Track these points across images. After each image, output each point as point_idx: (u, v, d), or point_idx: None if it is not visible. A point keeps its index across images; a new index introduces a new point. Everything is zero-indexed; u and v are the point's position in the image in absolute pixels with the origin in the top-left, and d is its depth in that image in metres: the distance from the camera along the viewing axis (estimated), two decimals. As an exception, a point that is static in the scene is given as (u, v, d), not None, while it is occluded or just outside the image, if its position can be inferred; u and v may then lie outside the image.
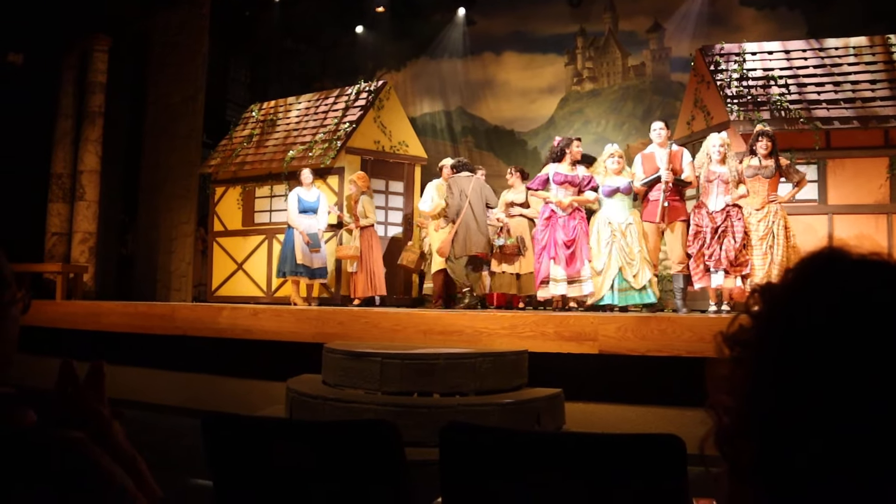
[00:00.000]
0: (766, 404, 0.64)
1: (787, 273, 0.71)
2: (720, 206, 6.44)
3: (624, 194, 6.77)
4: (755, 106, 7.77)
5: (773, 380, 0.64)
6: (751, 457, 0.65)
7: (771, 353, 0.66)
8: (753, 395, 0.66)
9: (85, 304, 8.33)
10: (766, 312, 0.69)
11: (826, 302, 0.65)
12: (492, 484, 1.91)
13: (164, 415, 5.62)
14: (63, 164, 10.65)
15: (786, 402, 0.63)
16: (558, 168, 6.96)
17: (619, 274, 6.61)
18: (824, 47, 8.25)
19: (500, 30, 13.13)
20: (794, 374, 0.63)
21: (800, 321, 0.65)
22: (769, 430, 0.64)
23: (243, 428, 2.20)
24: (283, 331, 6.30)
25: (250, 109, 11.42)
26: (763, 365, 0.66)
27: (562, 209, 6.83)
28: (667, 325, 5.16)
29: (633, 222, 6.74)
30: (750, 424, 0.66)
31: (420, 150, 10.62)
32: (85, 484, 0.93)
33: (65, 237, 10.60)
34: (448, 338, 5.64)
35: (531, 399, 4.89)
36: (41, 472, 0.92)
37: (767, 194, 6.46)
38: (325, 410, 4.84)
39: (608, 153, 6.95)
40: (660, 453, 1.80)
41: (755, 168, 6.50)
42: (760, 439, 0.64)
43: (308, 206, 8.61)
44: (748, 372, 0.67)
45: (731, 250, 6.30)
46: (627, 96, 12.36)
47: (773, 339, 0.66)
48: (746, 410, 0.67)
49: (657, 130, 6.95)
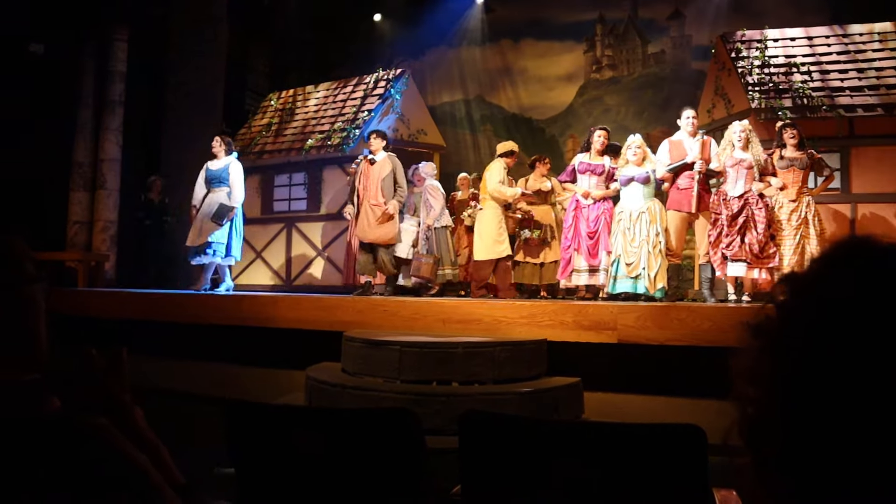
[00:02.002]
0: (793, 395, 0.64)
1: (812, 262, 0.70)
2: (738, 193, 6.33)
3: (640, 183, 6.69)
4: (777, 93, 7.67)
5: (799, 370, 0.64)
6: (776, 447, 0.65)
7: (797, 343, 0.65)
8: (779, 386, 0.65)
9: (106, 293, 8.42)
10: (792, 302, 0.68)
11: (855, 291, 0.64)
12: (511, 472, 1.91)
13: (185, 402, 5.67)
14: (84, 153, 10.74)
15: (812, 392, 0.62)
16: (583, 157, 7.01)
17: (616, 261, 6.57)
18: (848, 33, 8.12)
19: (518, 17, 13.03)
20: (821, 364, 0.62)
21: (828, 310, 0.64)
22: (795, 420, 0.63)
23: (265, 415, 2.21)
24: (302, 319, 6.33)
25: (269, 98, 11.46)
26: (789, 355, 0.65)
27: (586, 198, 6.85)
28: (686, 314, 5.12)
29: (646, 210, 6.61)
30: (775, 415, 0.65)
31: (439, 138, 10.60)
32: (108, 469, 0.94)
33: (86, 225, 10.70)
34: (467, 326, 5.65)
35: (550, 388, 4.89)
36: (65, 457, 0.93)
37: (801, 186, 6.37)
38: (344, 398, 4.86)
39: (627, 144, 6.89)
40: (680, 443, 1.79)
41: (789, 160, 6.40)
42: (786, 430, 0.64)
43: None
44: (773, 362, 0.67)
45: (754, 243, 6.16)
46: (647, 84, 12.23)
47: (799, 329, 0.65)
48: (772, 401, 0.66)
49: (688, 119, 6.80)
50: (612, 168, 6.89)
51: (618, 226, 6.65)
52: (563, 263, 6.95)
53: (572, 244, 6.86)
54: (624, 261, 6.50)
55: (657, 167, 6.73)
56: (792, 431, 0.64)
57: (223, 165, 7.82)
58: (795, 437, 0.63)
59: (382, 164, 7.36)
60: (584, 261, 6.74)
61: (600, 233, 6.74)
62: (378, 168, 7.36)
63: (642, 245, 6.48)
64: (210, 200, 7.78)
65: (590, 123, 11.83)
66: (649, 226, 6.53)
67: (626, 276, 6.49)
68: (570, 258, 6.85)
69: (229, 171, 7.79)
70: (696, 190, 6.48)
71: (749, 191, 6.32)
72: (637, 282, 6.45)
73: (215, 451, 2.51)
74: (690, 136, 6.75)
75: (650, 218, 6.56)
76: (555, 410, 4.74)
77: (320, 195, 9.86)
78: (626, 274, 6.47)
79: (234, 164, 7.86)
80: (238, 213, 7.85)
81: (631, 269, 6.45)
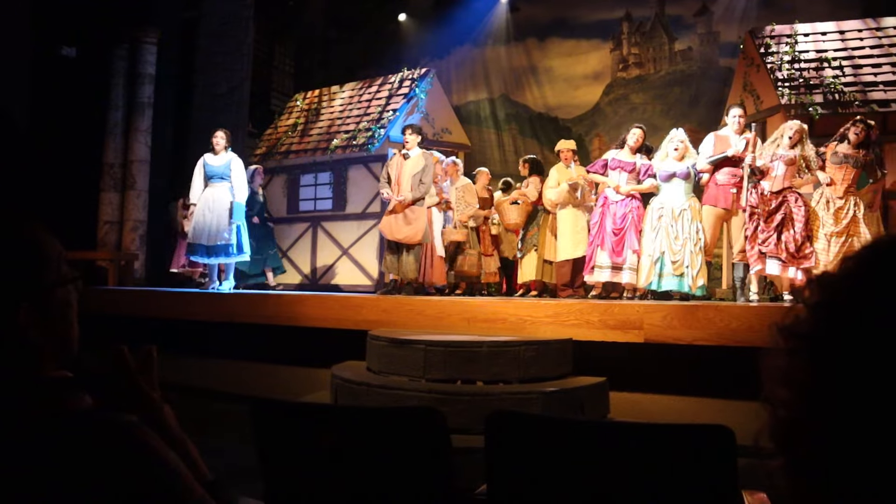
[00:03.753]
0: (827, 397, 0.63)
1: (846, 262, 0.68)
2: (777, 189, 6.15)
3: (681, 179, 6.63)
4: (807, 89, 7.55)
5: (834, 371, 0.63)
6: (809, 450, 0.64)
7: (832, 344, 0.64)
8: (812, 388, 0.64)
9: (136, 291, 8.53)
10: (826, 302, 0.67)
11: (892, 290, 0.63)
12: (537, 472, 1.90)
13: (213, 400, 5.73)
14: (114, 154, 10.89)
15: (848, 394, 0.61)
16: (616, 154, 6.98)
17: (661, 258, 6.51)
18: (882, 27, 7.97)
19: (543, 16, 12.99)
20: (857, 366, 0.61)
21: (864, 311, 0.63)
22: (830, 423, 0.62)
23: (291, 413, 2.23)
24: (328, 317, 6.37)
25: (294, 98, 11.53)
26: (823, 356, 0.64)
27: (616, 192, 6.82)
28: (714, 313, 5.06)
29: (688, 208, 6.55)
30: (808, 417, 0.64)
31: (463, 137, 10.59)
32: (138, 466, 0.95)
33: (116, 225, 10.85)
34: (492, 325, 5.64)
35: (575, 388, 4.86)
36: (96, 454, 0.95)
37: (850, 185, 6.14)
38: (369, 397, 4.88)
39: (669, 138, 6.81)
40: (708, 444, 1.77)
41: (843, 156, 6.16)
42: (820, 432, 0.63)
43: None
44: (806, 364, 0.65)
45: (791, 241, 6.00)
46: (674, 82, 12.13)
47: (834, 330, 0.64)
48: (804, 403, 0.65)
49: (735, 118, 6.63)
50: (643, 165, 6.83)
51: (659, 222, 6.59)
52: (587, 259, 6.92)
53: (595, 240, 6.82)
54: (669, 259, 6.47)
55: (698, 159, 6.63)
56: (826, 434, 0.62)
57: (225, 161, 7.82)
58: (829, 439, 0.62)
59: (416, 160, 7.31)
60: (608, 258, 6.69)
61: (626, 231, 6.68)
62: (411, 164, 7.31)
63: (686, 243, 6.45)
64: (210, 196, 7.78)
65: (616, 122, 11.80)
66: (691, 223, 6.51)
67: (671, 274, 6.47)
68: (594, 254, 6.81)
69: (231, 168, 7.80)
70: (746, 184, 6.29)
71: (788, 188, 6.14)
72: (682, 279, 6.44)
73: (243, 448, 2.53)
74: (737, 133, 6.61)
75: (692, 215, 6.54)
76: (580, 410, 4.71)
77: (346, 195, 9.90)
78: (672, 272, 6.45)
79: (235, 159, 7.87)
80: (240, 208, 7.87)
81: (676, 267, 6.43)
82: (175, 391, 1.28)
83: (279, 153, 10.42)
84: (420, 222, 7.26)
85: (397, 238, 7.26)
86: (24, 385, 1.01)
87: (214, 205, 7.75)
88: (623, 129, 7.45)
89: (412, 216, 7.21)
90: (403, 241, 7.25)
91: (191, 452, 1.14)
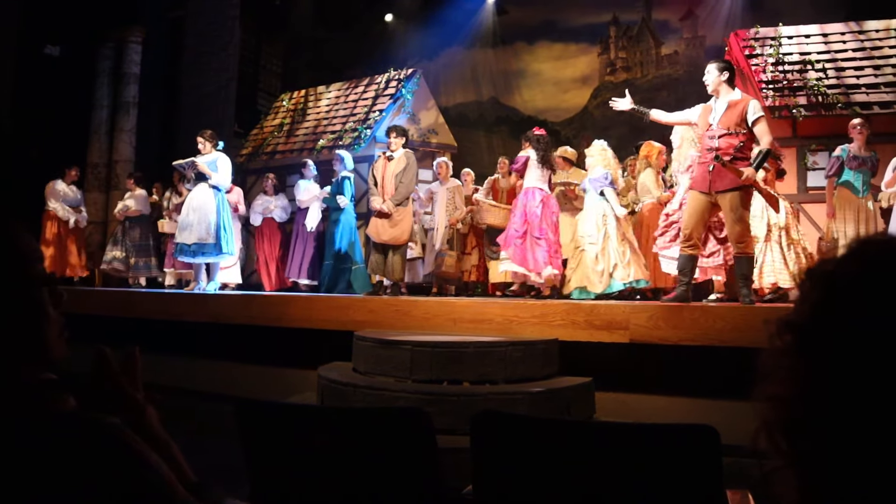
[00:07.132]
0: (826, 394, 0.62)
1: (842, 260, 0.68)
2: None
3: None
4: (791, 91, 7.61)
5: (834, 369, 0.62)
6: (807, 448, 0.64)
7: (831, 340, 0.64)
8: (811, 386, 0.64)
9: (119, 292, 8.47)
10: (824, 299, 0.67)
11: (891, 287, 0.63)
12: (523, 472, 1.90)
13: (198, 401, 5.69)
14: (98, 154, 10.83)
15: (848, 390, 0.61)
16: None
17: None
18: (864, 30, 8.05)
19: (532, 19, 13.02)
20: (857, 363, 0.61)
21: (865, 307, 0.63)
22: (829, 421, 0.62)
23: (277, 414, 2.22)
24: (314, 318, 6.35)
25: (281, 98, 11.49)
26: (823, 354, 0.64)
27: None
28: (700, 314, 5.09)
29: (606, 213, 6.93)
30: (806, 415, 0.64)
31: (450, 138, 10.58)
32: (120, 468, 0.94)
33: (101, 226, 10.78)
34: (478, 326, 5.64)
35: (561, 388, 4.87)
36: (79, 456, 0.94)
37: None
38: (355, 397, 4.86)
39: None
40: (693, 444, 1.78)
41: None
42: (820, 431, 0.63)
43: None
44: (805, 362, 0.65)
45: None
46: (661, 86, 12.20)
47: (833, 327, 0.64)
48: (802, 401, 0.64)
49: None
50: None
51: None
52: None
53: None
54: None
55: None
56: (825, 432, 0.62)
57: (212, 160, 7.88)
58: (829, 437, 0.62)
59: (398, 161, 7.34)
60: None
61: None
62: (394, 165, 7.34)
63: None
64: (195, 195, 7.84)
65: (603, 125, 11.82)
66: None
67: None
68: None
69: (217, 165, 7.87)
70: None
71: None
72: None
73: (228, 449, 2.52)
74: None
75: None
76: (566, 410, 4.72)
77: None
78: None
79: (222, 157, 7.96)
80: (227, 207, 7.93)
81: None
82: (159, 392, 1.26)
83: (265, 153, 10.38)
84: (405, 223, 7.35)
85: (383, 240, 7.32)
86: (6, 387, 1.00)
87: (199, 204, 7.76)
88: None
89: (397, 217, 7.28)
90: (389, 243, 7.31)
91: (175, 454, 1.13)
